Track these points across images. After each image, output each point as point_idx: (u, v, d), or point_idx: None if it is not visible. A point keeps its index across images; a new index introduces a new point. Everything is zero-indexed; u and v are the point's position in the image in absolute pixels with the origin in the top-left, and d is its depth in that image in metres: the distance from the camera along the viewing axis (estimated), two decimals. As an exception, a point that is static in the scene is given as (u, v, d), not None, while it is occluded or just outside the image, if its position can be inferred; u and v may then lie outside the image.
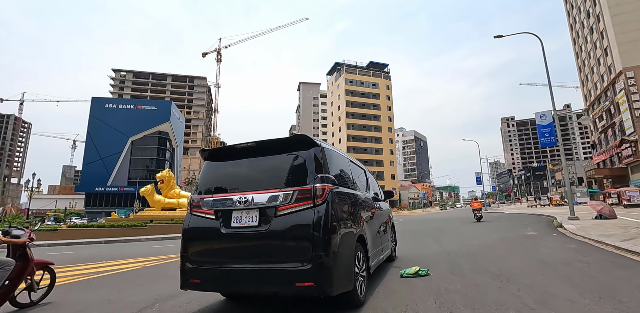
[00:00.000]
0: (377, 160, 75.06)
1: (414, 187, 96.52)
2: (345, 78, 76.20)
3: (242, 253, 3.09)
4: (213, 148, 3.75)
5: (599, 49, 45.79)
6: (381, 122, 77.04)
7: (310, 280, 2.79)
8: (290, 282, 2.84)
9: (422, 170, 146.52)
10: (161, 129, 74.67)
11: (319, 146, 3.36)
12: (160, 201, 28.29)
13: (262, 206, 3.09)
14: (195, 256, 3.26)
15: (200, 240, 3.33)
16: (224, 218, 3.22)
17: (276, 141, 3.45)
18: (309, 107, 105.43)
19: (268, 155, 3.43)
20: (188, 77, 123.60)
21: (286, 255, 2.94)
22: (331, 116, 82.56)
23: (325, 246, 2.86)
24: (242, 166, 3.52)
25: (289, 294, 3.46)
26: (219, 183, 3.51)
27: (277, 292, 3.09)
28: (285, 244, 2.97)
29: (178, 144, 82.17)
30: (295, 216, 2.99)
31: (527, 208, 40.36)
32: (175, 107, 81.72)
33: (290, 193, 3.04)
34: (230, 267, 3.06)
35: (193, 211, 3.47)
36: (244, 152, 3.53)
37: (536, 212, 25.70)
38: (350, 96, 75.72)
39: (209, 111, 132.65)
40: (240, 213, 3.17)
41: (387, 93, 79.75)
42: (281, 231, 2.98)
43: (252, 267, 2.97)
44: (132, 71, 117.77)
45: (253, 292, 3.51)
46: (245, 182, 3.38)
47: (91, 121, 70.69)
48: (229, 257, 3.14)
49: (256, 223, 3.08)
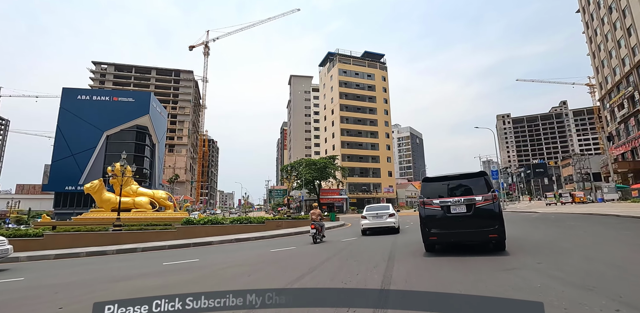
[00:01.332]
0: (372, 156, 70.18)
1: (411, 185, 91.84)
2: (338, 68, 71.10)
3: (458, 224, 6.93)
4: (429, 177, 7.92)
5: (619, 30, 41.38)
6: (377, 115, 72.11)
7: (495, 233, 6.75)
8: (485, 235, 6.80)
9: (419, 168, 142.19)
10: (139, 122, 68.80)
11: (487, 175, 7.38)
12: (110, 200, 23.03)
13: (467, 203, 6.92)
14: (432, 227, 7.15)
15: (434, 220, 7.13)
16: (445, 209, 7.02)
17: (467, 174, 7.42)
18: (301, 101, 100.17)
19: (464, 179, 7.36)
20: (174, 70, 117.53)
21: (482, 225, 6.81)
22: (324, 109, 77.41)
23: (500, 220, 6.79)
24: (450, 184, 7.40)
25: (484, 241, 7.14)
26: (438, 193, 7.34)
27: (477, 240, 7.13)
28: (481, 220, 6.81)
29: (159, 139, 76.35)
30: (485, 207, 6.83)
31: (546, 206, 35.81)
32: (156, 100, 75.84)
33: (481, 198, 6.87)
34: (452, 231, 7.01)
35: (426, 206, 7.25)
36: (445, 178, 7.59)
37: (583, 211, 21.16)
38: (344, 88, 70.68)
39: (196, 107, 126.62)
40: (455, 206, 6.97)
41: (384, 85, 74.87)
42: (478, 214, 6.81)
43: (464, 231, 6.92)
44: (113, 64, 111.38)
45: (464, 241, 7.42)
46: (454, 192, 7.22)
47: (62, 114, 64.58)
48: (451, 227, 6.99)
49: (464, 211, 6.90)
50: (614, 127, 44.90)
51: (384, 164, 70.83)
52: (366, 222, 14.17)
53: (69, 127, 63.83)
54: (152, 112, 70.66)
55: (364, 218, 14.31)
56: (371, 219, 14.14)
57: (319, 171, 55.74)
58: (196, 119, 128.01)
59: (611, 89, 44.98)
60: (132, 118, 67.63)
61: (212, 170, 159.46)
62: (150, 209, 23.82)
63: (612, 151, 46.25)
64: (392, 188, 70.36)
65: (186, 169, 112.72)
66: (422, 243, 7.75)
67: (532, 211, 26.74)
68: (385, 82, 75.44)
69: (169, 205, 24.81)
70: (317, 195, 59.44)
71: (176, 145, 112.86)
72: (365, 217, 14.28)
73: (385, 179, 70.27)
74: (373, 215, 14.16)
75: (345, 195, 63.84)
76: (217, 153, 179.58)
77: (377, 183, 69.52)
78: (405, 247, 9.28)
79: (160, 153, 79.40)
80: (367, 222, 14.16)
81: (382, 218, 14.02)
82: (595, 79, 50.86)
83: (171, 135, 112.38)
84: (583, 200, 36.11)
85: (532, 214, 23.56)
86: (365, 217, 14.25)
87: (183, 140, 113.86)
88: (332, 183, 60.91)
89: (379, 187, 69.33)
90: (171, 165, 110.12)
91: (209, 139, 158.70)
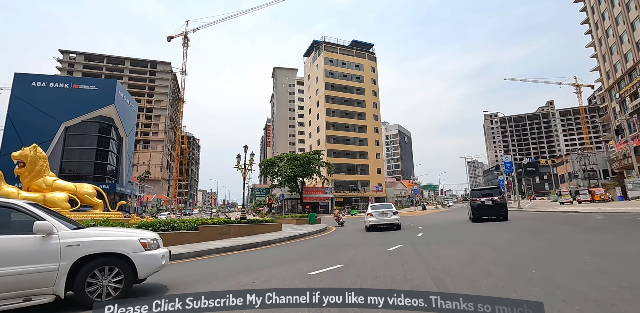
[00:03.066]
0: (360, 152, 65.20)
1: (400, 184, 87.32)
2: (324, 57, 65.84)
3: (487, 208, 17.52)
4: (475, 189, 19.76)
5: (634, 10, 37.43)
6: (365, 108, 67.17)
7: (503, 213, 17.35)
8: (499, 214, 17.46)
9: (407, 167, 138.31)
10: (104, 113, 62.01)
11: (500, 187, 19.85)
12: (10, 195, 17.01)
13: (492, 199, 17.43)
14: (476, 210, 17.73)
15: (477, 207, 17.69)
16: (482, 202, 17.56)
17: (492, 187, 19.24)
18: (284, 95, 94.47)
19: (489, 190, 18.53)
20: (150, 61, 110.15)
21: (499, 210, 17.41)
22: (308, 102, 72.03)
23: (505, 207, 17.57)
24: (483, 192, 18.42)
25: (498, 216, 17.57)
26: (479, 194, 18.17)
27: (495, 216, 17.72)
28: (499, 207, 17.36)
29: (128, 133, 69.52)
30: (499, 202, 17.42)
31: (560, 206, 31.38)
32: (123, 89, 69.02)
33: (498, 197, 17.57)
34: (484, 212, 17.63)
35: (473, 201, 18.08)
36: (482, 189, 19.25)
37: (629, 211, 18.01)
38: (330, 78, 65.47)
39: (174, 101, 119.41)
40: (487, 201, 17.47)
41: (373, 76, 70.02)
42: (497, 205, 17.36)
43: (490, 212, 17.61)
44: (83, 53, 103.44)
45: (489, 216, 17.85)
46: (485, 194, 17.96)
47: (13, 102, 57.27)
48: (484, 210, 17.57)
49: (491, 203, 17.35)
50: (624, 118, 41.01)
51: (373, 161, 65.97)
52: (372, 219, 15.74)
53: (21, 116, 56.58)
54: (118, 102, 63.96)
55: (371, 215, 15.92)
56: (377, 217, 15.73)
57: (302, 167, 50.41)
58: (174, 113, 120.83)
59: (621, 77, 41.12)
60: (94, 108, 60.79)
61: (192, 168, 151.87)
62: (67, 208, 17.84)
63: (621, 145, 42.38)
64: (381, 187, 65.55)
65: (162, 167, 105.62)
66: None
67: (571, 211, 22.40)
68: (375, 73, 70.64)
69: (97, 204, 18.96)
70: (300, 193, 54.05)
71: (151, 140, 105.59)
72: (371, 215, 15.87)
73: (374, 177, 65.44)
74: (379, 213, 15.79)
75: (331, 193, 58.50)
76: (198, 150, 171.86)
77: (365, 181, 64.59)
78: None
79: (130, 148, 72.48)
80: (373, 219, 15.72)
81: (387, 215, 15.68)
82: (601, 69, 47.06)
83: (146, 130, 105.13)
84: (604, 198, 31.88)
85: (574, 214, 19.51)
86: (372, 215, 15.85)
87: (159, 136, 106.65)
88: (317, 181, 55.66)
89: (367, 185, 64.41)
90: (146, 163, 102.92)
91: (189, 136, 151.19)
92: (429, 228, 15.58)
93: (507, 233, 11.40)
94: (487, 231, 12.47)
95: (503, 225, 14.40)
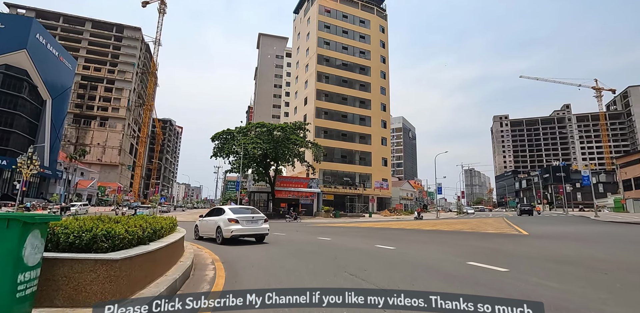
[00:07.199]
0: (361, 135, 48.33)
1: (407, 183, 70.51)
2: (319, 5, 48.94)
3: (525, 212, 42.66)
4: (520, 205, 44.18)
5: None
6: (371, 77, 50.39)
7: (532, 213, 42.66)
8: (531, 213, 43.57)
9: (410, 168, 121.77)
10: (11, 62, 44.86)
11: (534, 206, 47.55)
12: None
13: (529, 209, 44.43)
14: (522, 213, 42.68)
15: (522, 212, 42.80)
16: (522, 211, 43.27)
17: (530, 204, 46.97)
18: (270, 68, 77.48)
19: (528, 206, 44.63)
20: (116, 25, 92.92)
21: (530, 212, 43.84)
22: (296, 68, 55.12)
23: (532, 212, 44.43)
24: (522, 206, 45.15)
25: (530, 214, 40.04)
26: (521, 208, 44.14)
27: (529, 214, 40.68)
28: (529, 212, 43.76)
29: (54, 95, 52.23)
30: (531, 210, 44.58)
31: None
32: (48, 34, 51.51)
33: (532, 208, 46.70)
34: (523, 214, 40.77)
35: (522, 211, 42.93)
36: (522, 205, 46.28)
37: None
38: (326, 32, 48.65)
39: (144, 75, 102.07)
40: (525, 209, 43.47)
41: (382, 37, 53.37)
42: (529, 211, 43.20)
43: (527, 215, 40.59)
44: (34, 9, 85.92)
45: None
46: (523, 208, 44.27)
47: None
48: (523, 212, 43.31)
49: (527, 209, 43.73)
50: None
51: (378, 147, 49.11)
52: (237, 228, 11.17)
53: None
54: (35, 50, 46.68)
55: (235, 222, 11.20)
56: (245, 224, 11.34)
57: (274, 143, 33.61)
58: (143, 90, 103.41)
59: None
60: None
61: (166, 156, 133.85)
62: None
63: None
64: (387, 184, 48.72)
65: (122, 149, 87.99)
66: None
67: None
68: (385, 34, 53.96)
69: None
70: (272, 185, 36.90)
71: (110, 117, 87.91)
72: (236, 221, 11.20)
73: (378, 169, 48.56)
74: (247, 220, 11.38)
75: (317, 188, 40.86)
76: (177, 138, 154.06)
77: (365, 174, 47.68)
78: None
79: (57, 115, 55.03)
80: (238, 228, 11.18)
81: (258, 223, 11.61)
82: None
83: (104, 105, 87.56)
84: None
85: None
86: (237, 221, 11.22)
87: (120, 113, 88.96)
88: (298, 169, 38.90)
89: (368, 180, 47.49)
90: (101, 143, 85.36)
91: (166, 119, 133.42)
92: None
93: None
94: None
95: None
